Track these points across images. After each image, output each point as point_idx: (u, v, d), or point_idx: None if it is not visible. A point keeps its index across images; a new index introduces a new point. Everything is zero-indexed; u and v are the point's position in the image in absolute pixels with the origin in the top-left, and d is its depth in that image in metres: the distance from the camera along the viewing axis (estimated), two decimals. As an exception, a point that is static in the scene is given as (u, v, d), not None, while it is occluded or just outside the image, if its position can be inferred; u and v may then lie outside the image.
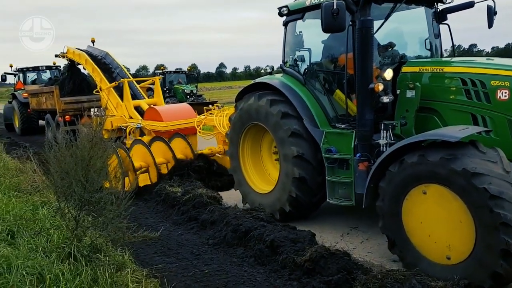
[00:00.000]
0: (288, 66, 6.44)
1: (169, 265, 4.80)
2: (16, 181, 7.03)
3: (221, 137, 8.70)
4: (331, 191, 5.53)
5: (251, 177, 6.82)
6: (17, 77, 20.30)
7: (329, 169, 5.50)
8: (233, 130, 6.90)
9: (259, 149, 6.91)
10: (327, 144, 5.58)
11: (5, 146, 11.95)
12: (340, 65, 5.73)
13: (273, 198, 6.22)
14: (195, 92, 24.28)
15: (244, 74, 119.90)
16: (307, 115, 5.80)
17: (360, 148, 5.08)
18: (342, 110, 5.69)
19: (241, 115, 6.66)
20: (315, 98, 5.95)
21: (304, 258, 4.30)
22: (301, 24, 6.21)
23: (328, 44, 6.06)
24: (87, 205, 4.37)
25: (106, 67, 12.73)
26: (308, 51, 6.27)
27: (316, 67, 6.13)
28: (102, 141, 4.53)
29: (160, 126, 9.47)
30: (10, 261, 3.68)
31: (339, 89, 5.76)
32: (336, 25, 4.75)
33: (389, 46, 5.76)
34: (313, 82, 6.08)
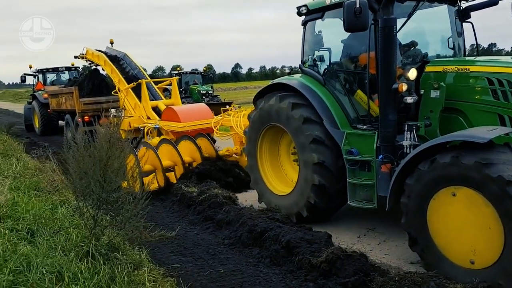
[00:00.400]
0: (307, 66, 6.37)
1: (185, 264, 4.83)
2: (36, 181, 7.14)
3: (238, 137, 8.68)
4: (352, 194, 5.42)
5: (268, 177, 6.77)
6: (36, 78, 20.50)
7: (350, 171, 5.40)
8: (252, 129, 6.84)
9: (277, 148, 6.84)
10: (348, 145, 5.48)
11: (24, 146, 12.15)
12: (361, 65, 5.67)
13: (291, 201, 6.13)
14: (210, 93, 24.41)
15: (259, 74, 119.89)
16: (327, 116, 5.71)
17: (383, 150, 4.99)
18: (363, 111, 5.60)
19: (261, 114, 6.58)
20: (335, 98, 5.85)
21: (320, 259, 4.27)
22: (321, 23, 6.13)
23: (348, 43, 5.98)
24: (105, 205, 4.42)
25: (124, 68, 12.83)
26: (328, 51, 6.20)
27: (336, 67, 6.04)
28: (119, 141, 4.58)
29: (178, 126, 9.46)
30: (30, 259, 3.74)
31: (360, 89, 5.68)
32: (359, 24, 4.67)
33: (411, 45, 5.68)
34: (333, 82, 5.99)
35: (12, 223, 4.73)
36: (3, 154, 9.20)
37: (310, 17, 6.19)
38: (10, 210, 5.10)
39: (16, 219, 4.88)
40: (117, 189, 4.46)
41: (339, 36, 5.93)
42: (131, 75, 12.57)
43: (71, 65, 20.31)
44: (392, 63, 4.83)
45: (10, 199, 5.45)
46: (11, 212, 5.05)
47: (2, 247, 3.82)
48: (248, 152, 6.99)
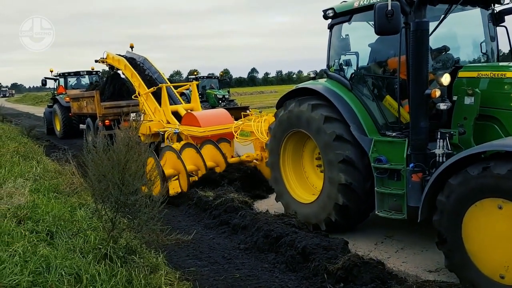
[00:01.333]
0: (333, 70, 6.19)
1: (201, 268, 4.85)
2: (55, 183, 7.25)
3: (259, 143, 8.55)
4: (380, 203, 5.19)
5: (293, 187, 6.56)
6: (57, 82, 20.69)
7: (379, 180, 5.19)
8: (273, 139, 6.64)
9: (300, 157, 6.65)
10: (376, 153, 5.27)
11: (44, 148, 12.36)
12: (390, 70, 5.54)
13: (318, 208, 5.92)
14: (227, 97, 24.56)
15: (275, 79, 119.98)
16: (354, 122, 5.52)
17: (414, 158, 4.79)
18: (392, 117, 5.44)
19: (281, 122, 6.43)
20: (362, 104, 5.68)
21: (337, 266, 4.24)
22: (348, 27, 6.00)
23: (375, 47, 5.85)
24: (122, 207, 4.47)
25: (144, 72, 12.86)
26: (356, 55, 6.05)
27: (364, 72, 5.88)
28: (137, 145, 4.63)
29: (198, 131, 9.42)
30: (49, 260, 3.79)
31: (389, 95, 5.51)
32: (391, 27, 4.54)
33: (442, 50, 5.51)
34: (361, 87, 5.83)
35: (32, 225, 4.81)
36: (24, 156, 9.37)
37: (337, 21, 6.04)
38: (30, 212, 5.19)
39: (36, 221, 4.97)
40: (134, 192, 4.50)
41: (366, 40, 5.83)
42: (151, 79, 12.59)
43: (91, 69, 20.47)
44: (424, 68, 4.67)
45: (30, 201, 5.55)
46: (31, 214, 5.14)
47: (23, 248, 3.89)
48: (271, 165, 6.78)
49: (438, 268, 4.78)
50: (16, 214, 5.00)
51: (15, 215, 4.96)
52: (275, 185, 6.78)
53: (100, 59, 14.06)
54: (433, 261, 4.93)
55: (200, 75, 27.73)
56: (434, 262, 4.91)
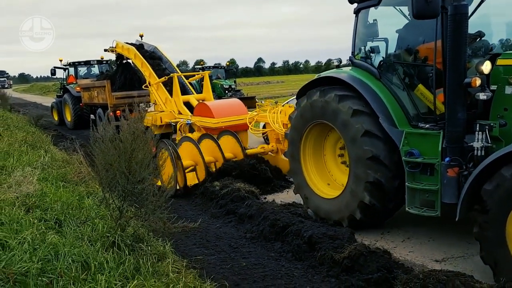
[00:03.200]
0: (358, 58, 5.83)
1: (207, 257, 4.89)
2: (63, 172, 7.31)
3: (274, 134, 8.35)
4: (411, 199, 4.85)
5: (314, 180, 6.20)
6: (66, 71, 20.30)
7: (410, 175, 4.86)
8: (294, 130, 6.27)
9: (321, 150, 6.31)
10: (407, 146, 4.93)
11: (52, 138, 12.42)
12: (421, 57, 5.21)
13: (340, 204, 5.58)
14: (233, 87, 24.50)
15: (282, 69, 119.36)
16: (383, 113, 5.17)
17: (450, 152, 4.48)
18: (424, 108, 5.11)
19: (303, 113, 6.04)
20: (392, 93, 5.32)
21: (343, 255, 4.25)
22: (376, 11, 5.65)
23: (404, 33, 5.54)
24: (130, 196, 4.50)
25: (155, 61, 12.47)
26: (385, 41, 5.68)
27: (394, 59, 5.52)
28: (143, 134, 4.64)
29: (211, 122, 9.13)
30: (57, 248, 3.83)
31: (422, 84, 5.13)
32: (430, 10, 4.27)
33: (477, 36, 5.19)
34: (390, 76, 5.47)
35: (40, 213, 4.85)
36: (32, 145, 9.44)
37: (364, 5, 5.69)
38: (38, 200, 5.23)
39: (45, 209, 5.01)
40: (141, 180, 4.52)
41: (397, 25, 5.51)
42: (161, 68, 12.29)
43: (101, 59, 20.07)
44: (462, 55, 4.34)
45: (38, 190, 5.60)
46: (39, 202, 5.18)
47: (32, 236, 3.93)
48: (290, 156, 6.43)
49: (445, 257, 4.78)
50: (25, 202, 5.05)
51: (23, 203, 5.01)
52: (294, 177, 6.49)
53: (109, 48, 13.77)
54: (440, 251, 4.93)
55: (207, 65, 27.65)
56: (440, 252, 4.91)
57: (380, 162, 5.10)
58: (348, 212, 5.45)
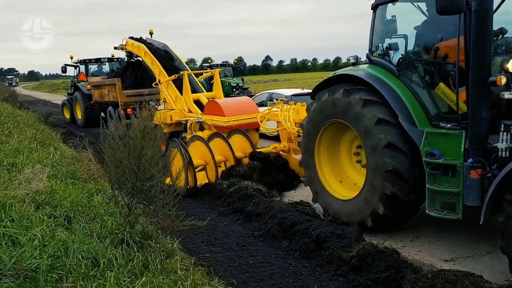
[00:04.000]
0: (376, 55, 5.70)
1: (215, 254, 4.91)
2: (73, 169, 7.35)
3: (286, 133, 8.23)
4: (431, 202, 4.70)
5: (326, 176, 6.12)
6: (77, 68, 20.27)
7: (430, 176, 4.71)
8: (311, 122, 6.14)
9: (337, 146, 6.19)
10: (428, 146, 4.78)
11: (62, 135, 12.50)
12: (441, 55, 5.08)
13: (361, 202, 5.40)
14: (241, 85, 24.50)
15: (290, 67, 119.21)
16: (403, 112, 5.04)
17: (473, 152, 4.33)
18: (445, 107, 4.99)
19: (323, 108, 5.86)
20: (411, 92, 5.19)
21: (351, 255, 4.25)
22: (394, 7, 5.53)
23: (423, 30, 5.40)
24: (138, 193, 4.52)
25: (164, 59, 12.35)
26: (404, 38, 5.55)
27: (413, 57, 5.37)
28: (152, 131, 4.66)
29: (222, 121, 9.01)
30: (67, 245, 3.85)
31: (443, 82, 5.00)
32: (454, 5, 4.14)
33: (499, 33, 5.05)
34: (409, 73, 5.32)
35: (50, 210, 4.89)
36: (42, 143, 9.50)
37: (381, 1, 5.57)
38: (48, 197, 5.27)
39: (54, 206, 5.04)
40: (150, 178, 4.54)
41: (415, 23, 5.39)
42: (171, 66, 12.17)
43: (112, 56, 20.01)
44: (487, 52, 4.21)
45: (48, 187, 5.63)
46: (49, 199, 5.21)
47: (41, 233, 3.95)
48: (304, 147, 6.33)
49: (454, 257, 4.76)
50: (35, 199, 5.08)
51: (33, 200, 5.04)
52: (306, 170, 6.40)
53: (119, 45, 13.70)
54: (449, 251, 4.91)
55: (214, 63, 27.66)
56: (449, 251, 4.88)
57: (400, 176, 4.97)
58: (359, 217, 5.38)
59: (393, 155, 4.98)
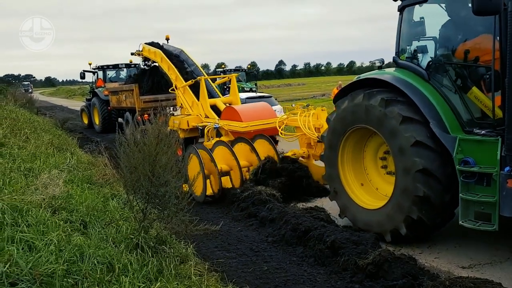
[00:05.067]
0: (403, 58, 5.51)
1: (229, 260, 4.90)
2: (89, 174, 7.42)
3: (305, 139, 8.08)
4: (464, 212, 4.50)
5: (352, 188, 5.87)
6: (95, 74, 20.46)
7: (464, 185, 4.51)
8: (332, 133, 5.95)
9: (361, 155, 5.97)
10: (461, 154, 4.58)
11: (78, 140, 12.65)
12: (471, 57, 4.92)
13: (384, 216, 5.24)
14: (254, 90, 24.58)
15: (303, 71, 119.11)
16: (434, 118, 4.83)
17: (510, 160, 4.19)
18: (478, 112, 4.82)
19: (344, 115, 5.71)
20: (442, 97, 4.98)
21: (367, 261, 4.20)
22: (421, 9, 5.38)
23: (447, 31, 5.26)
24: (153, 199, 4.54)
25: (181, 64, 12.33)
26: (433, 41, 5.36)
27: (444, 60, 5.17)
28: (167, 137, 4.69)
29: (240, 126, 8.87)
30: (83, 250, 3.87)
31: (476, 86, 4.81)
32: (491, 6, 4.02)
33: None
34: (440, 77, 5.14)
35: (66, 215, 4.93)
36: (58, 148, 9.61)
37: (409, 2, 5.41)
38: (64, 202, 5.32)
39: (70, 211, 5.09)
40: (164, 183, 4.56)
41: (449, 23, 5.23)
42: (187, 72, 12.10)
43: (129, 62, 20.10)
44: None
45: (64, 192, 5.68)
46: (65, 204, 5.26)
47: (58, 238, 3.98)
48: (327, 160, 6.12)
49: (472, 264, 4.67)
50: (51, 204, 5.13)
51: (50, 205, 5.09)
52: (330, 183, 6.16)
53: (136, 51, 13.74)
54: (466, 257, 4.82)
55: (228, 68, 27.82)
56: (467, 258, 4.80)
57: (431, 175, 4.76)
58: (392, 226, 5.12)
59: (422, 153, 4.78)
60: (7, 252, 3.39)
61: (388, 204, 5.22)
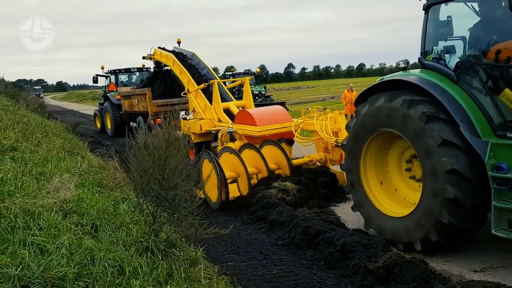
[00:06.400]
0: (430, 59, 5.31)
1: (239, 263, 4.89)
2: (99, 178, 7.47)
3: (322, 143, 7.91)
4: (497, 221, 4.31)
5: (377, 196, 5.61)
6: (108, 79, 20.50)
7: (497, 192, 4.32)
8: (353, 140, 5.74)
9: (384, 161, 5.72)
10: (494, 159, 4.39)
11: (89, 144, 12.76)
12: (503, 57, 4.72)
13: (412, 224, 4.97)
14: (263, 93, 24.63)
15: (313, 74, 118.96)
16: (464, 121, 4.61)
17: None
18: (511, 115, 4.66)
19: (364, 121, 5.51)
20: (472, 99, 4.78)
21: (377, 265, 4.17)
22: (448, 8, 5.22)
23: (478, 31, 5.08)
24: (163, 202, 4.56)
25: (193, 68, 12.24)
26: (462, 40, 5.17)
27: (474, 60, 4.97)
28: (176, 141, 4.71)
29: (254, 131, 8.63)
30: (93, 253, 3.90)
31: (508, 88, 4.65)
32: None
33: None
34: (469, 79, 4.93)
35: (77, 218, 4.97)
36: (70, 152, 9.71)
37: (435, 0, 5.24)
38: (76, 206, 5.36)
39: (81, 214, 5.13)
40: (174, 187, 4.58)
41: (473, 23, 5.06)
42: (200, 75, 11.99)
43: (142, 66, 20.11)
44: None
45: (75, 195, 5.73)
46: (76, 208, 5.31)
47: (69, 241, 4.02)
48: (348, 168, 5.90)
49: (484, 267, 4.62)
50: (62, 207, 5.18)
51: (61, 208, 5.14)
52: (352, 193, 5.91)
53: (147, 55, 13.71)
54: (478, 261, 4.76)
55: (237, 72, 27.90)
56: (479, 262, 4.74)
57: (461, 176, 4.53)
58: (422, 233, 4.85)
59: (450, 153, 4.56)
60: (19, 255, 3.43)
61: (417, 210, 4.97)
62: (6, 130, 8.70)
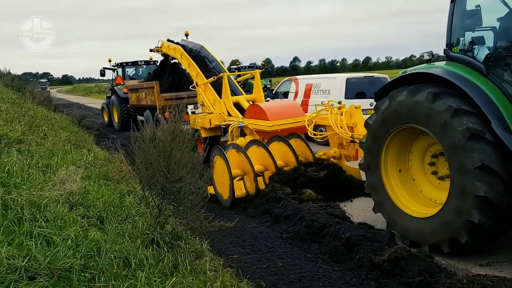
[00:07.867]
0: (457, 51, 5.06)
1: (244, 256, 4.91)
2: (105, 170, 7.50)
3: (337, 138, 7.65)
4: None
5: (399, 197, 5.33)
6: (115, 72, 20.14)
7: None
8: (372, 138, 5.48)
9: (406, 160, 5.46)
10: None
11: (95, 137, 12.79)
12: None
13: (439, 224, 4.69)
14: (268, 87, 24.57)
15: (318, 67, 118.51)
16: (495, 116, 4.36)
17: None
18: None
19: (384, 117, 5.25)
20: (504, 93, 4.51)
21: (383, 258, 4.17)
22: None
23: (508, 22, 4.82)
24: (168, 194, 4.57)
25: (201, 61, 11.94)
26: (492, 31, 4.90)
27: (506, 52, 4.70)
28: (182, 133, 4.71)
29: (266, 125, 8.34)
30: (99, 245, 3.92)
31: None
32: None
33: None
34: (500, 72, 4.65)
35: (83, 210, 5.00)
36: (75, 145, 9.73)
37: None
38: (82, 198, 5.39)
39: (87, 207, 5.16)
40: (179, 179, 4.59)
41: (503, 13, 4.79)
42: (208, 68, 11.71)
43: (150, 59, 19.65)
44: None
45: (82, 188, 5.76)
46: (82, 200, 5.34)
47: (75, 233, 4.04)
48: (367, 168, 5.65)
49: (490, 262, 4.61)
50: (69, 200, 5.20)
51: (67, 201, 5.16)
52: (372, 193, 5.64)
53: (155, 48, 13.46)
54: (484, 255, 4.74)
55: (242, 65, 27.83)
56: (485, 256, 4.73)
57: (492, 172, 4.26)
58: (450, 234, 4.57)
59: (479, 148, 4.31)
60: (26, 246, 3.45)
61: (444, 209, 4.68)
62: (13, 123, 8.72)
